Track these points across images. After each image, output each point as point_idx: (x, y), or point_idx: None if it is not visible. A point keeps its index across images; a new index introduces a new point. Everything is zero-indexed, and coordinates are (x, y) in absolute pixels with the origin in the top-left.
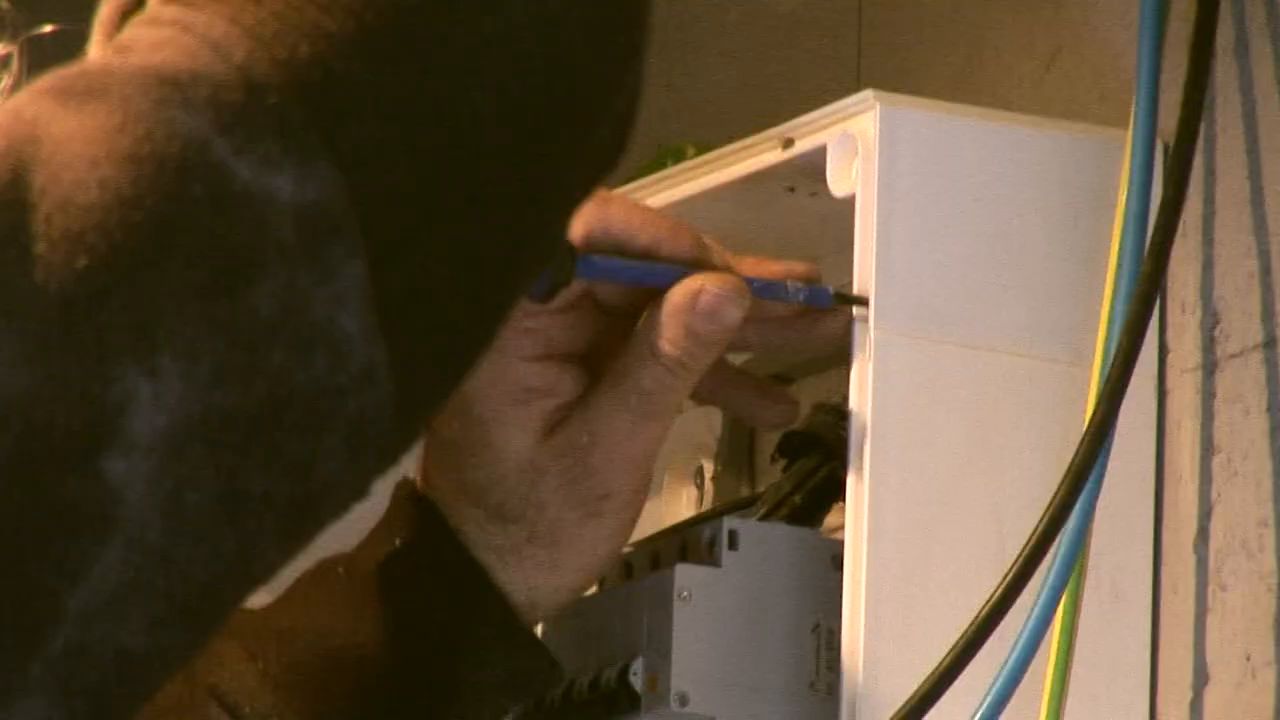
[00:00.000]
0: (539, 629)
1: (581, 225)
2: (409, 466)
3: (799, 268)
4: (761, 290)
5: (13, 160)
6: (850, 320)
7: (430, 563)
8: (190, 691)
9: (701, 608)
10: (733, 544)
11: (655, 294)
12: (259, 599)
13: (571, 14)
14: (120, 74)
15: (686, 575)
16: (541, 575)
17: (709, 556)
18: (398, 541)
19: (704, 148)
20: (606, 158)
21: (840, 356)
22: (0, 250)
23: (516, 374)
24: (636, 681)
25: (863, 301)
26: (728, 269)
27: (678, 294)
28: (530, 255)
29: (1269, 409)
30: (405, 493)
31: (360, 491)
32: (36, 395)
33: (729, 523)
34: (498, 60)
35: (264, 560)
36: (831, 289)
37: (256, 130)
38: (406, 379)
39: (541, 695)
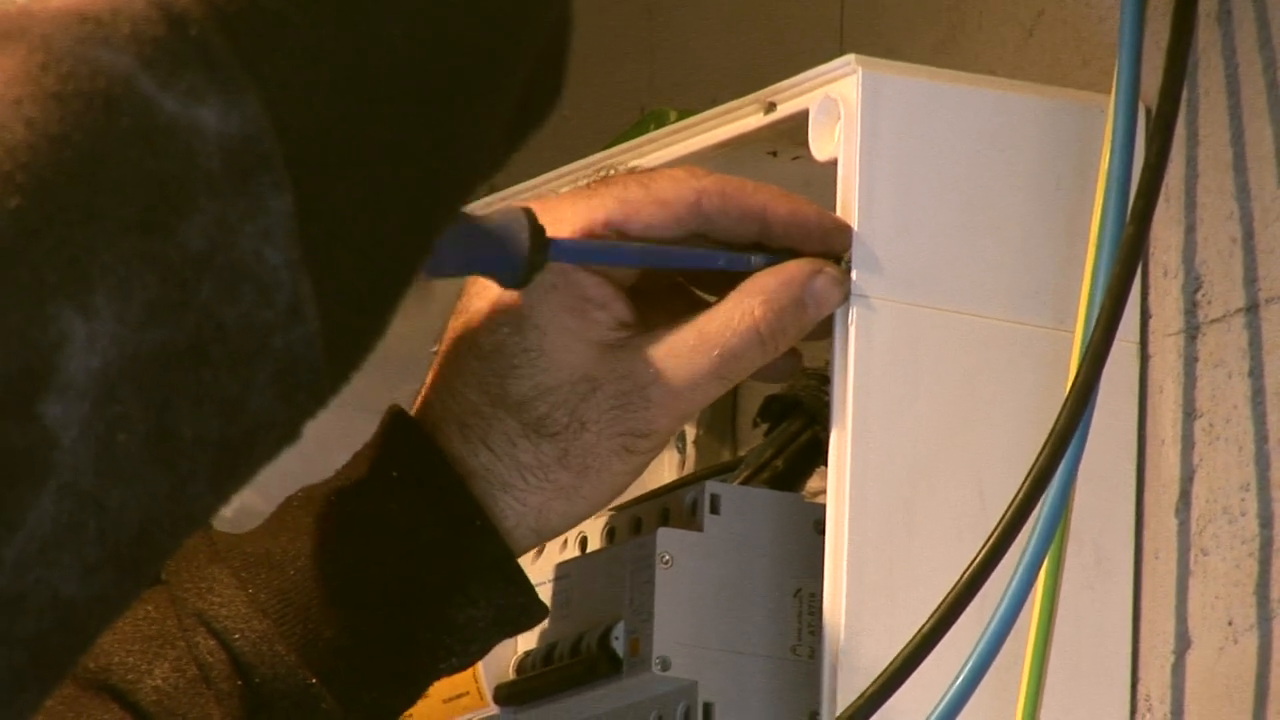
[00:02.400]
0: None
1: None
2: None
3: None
4: (731, 262)
5: None
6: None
7: (427, 497)
8: (177, 618)
9: (683, 572)
10: (715, 508)
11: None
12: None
13: None
14: (40, 14)
15: (669, 539)
16: (559, 501)
17: (691, 521)
18: (394, 473)
19: (686, 112)
20: (537, 97)
21: (825, 325)
22: None
23: (576, 281)
24: (618, 645)
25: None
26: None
27: (795, 270)
28: (452, 189)
29: (1250, 373)
30: (399, 420)
31: (292, 432)
32: None
33: (711, 487)
34: None
35: (198, 503)
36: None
37: (180, 63)
38: (334, 314)
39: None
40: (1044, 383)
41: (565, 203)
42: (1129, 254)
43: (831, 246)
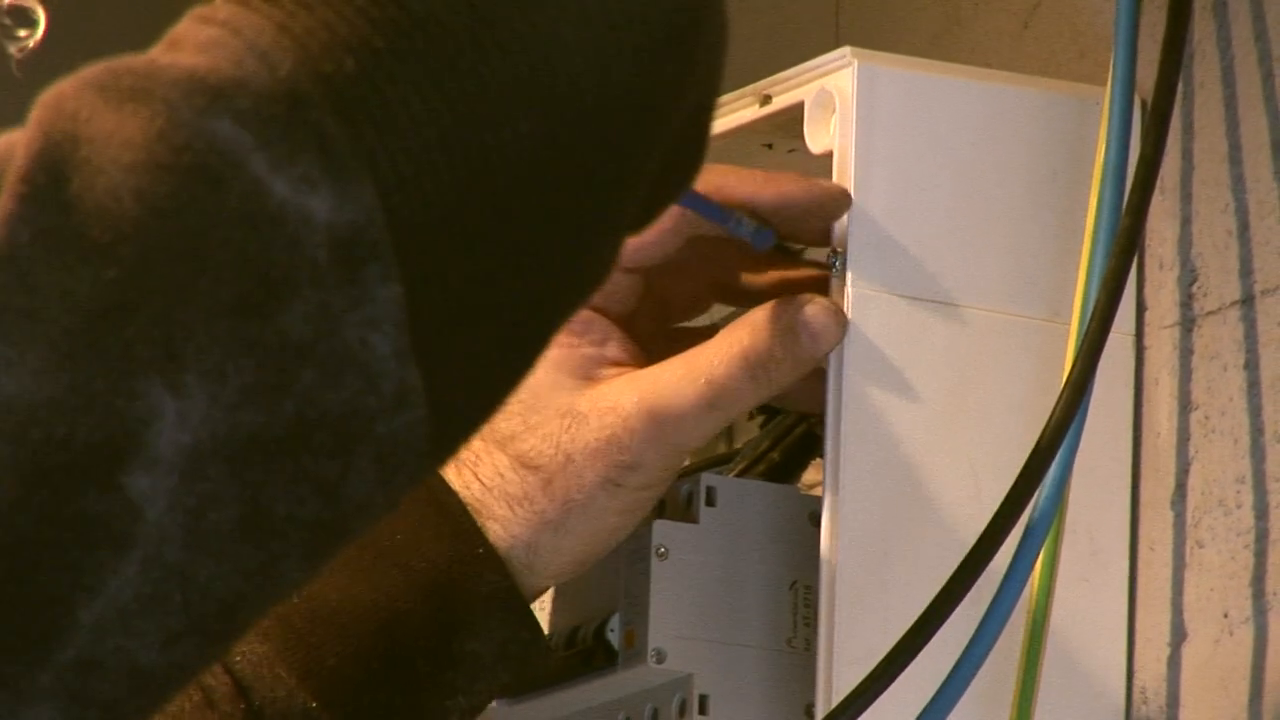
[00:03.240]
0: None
1: None
2: None
3: (818, 193)
4: (715, 214)
5: (49, 160)
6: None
7: (430, 525)
8: None
9: (679, 564)
10: (710, 500)
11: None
12: None
13: (622, 41)
14: (165, 76)
15: (664, 532)
16: (547, 534)
17: (687, 513)
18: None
19: None
20: (674, 173)
21: None
22: (33, 254)
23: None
24: (614, 638)
25: (794, 253)
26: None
27: (787, 306)
28: (574, 281)
29: (1246, 366)
30: None
31: (390, 508)
32: (59, 405)
33: (707, 479)
34: (543, 86)
35: (288, 578)
36: (773, 236)
37: (297, 146)
38: (443, 402)
39: (534, 671)
40: (1039, 375)
41: None
42: (1125, 246)
43: (830, 217)
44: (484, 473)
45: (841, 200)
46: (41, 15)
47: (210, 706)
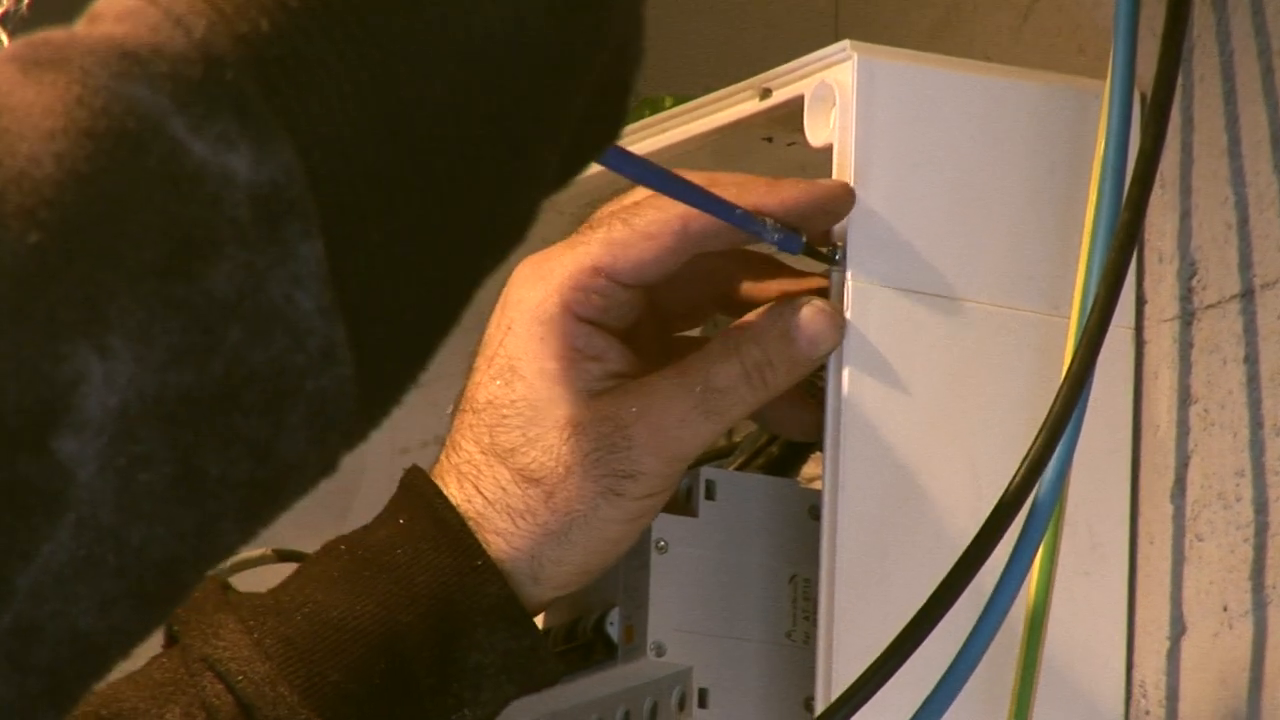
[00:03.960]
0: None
1: None
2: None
3: (821, 195)
4: (741, 221)
5: None
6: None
7: (431, 540)
8: (185, 664)
9: (679, 558)
10: (710, 494)
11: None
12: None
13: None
14: (82, 44)
15: (664, 525)
16: (550, 546)
17: (686, 506)
18: (401, 520)
19: (681, 98)
20: (593, 129)
21: None
22: None
23: (567, 331)
24: (613, 632)
25: (830, 258)
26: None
27: (784, 310)
28: (496, 235)
29: (1246, 359)
30: (412, 476)
31: (326, 469)
32: None
33: (706, 473)
34: (458, 39)
35: (224, 540)
36: (804, 239)
37: (214, 107)
38: (368, 358)
39: (539, 684)
40: (1039, 369)
41: (554, 254)
42: (1124, 240)
43: (836, 215)
44: (485, 486)
45: (845, 196)
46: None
47: None
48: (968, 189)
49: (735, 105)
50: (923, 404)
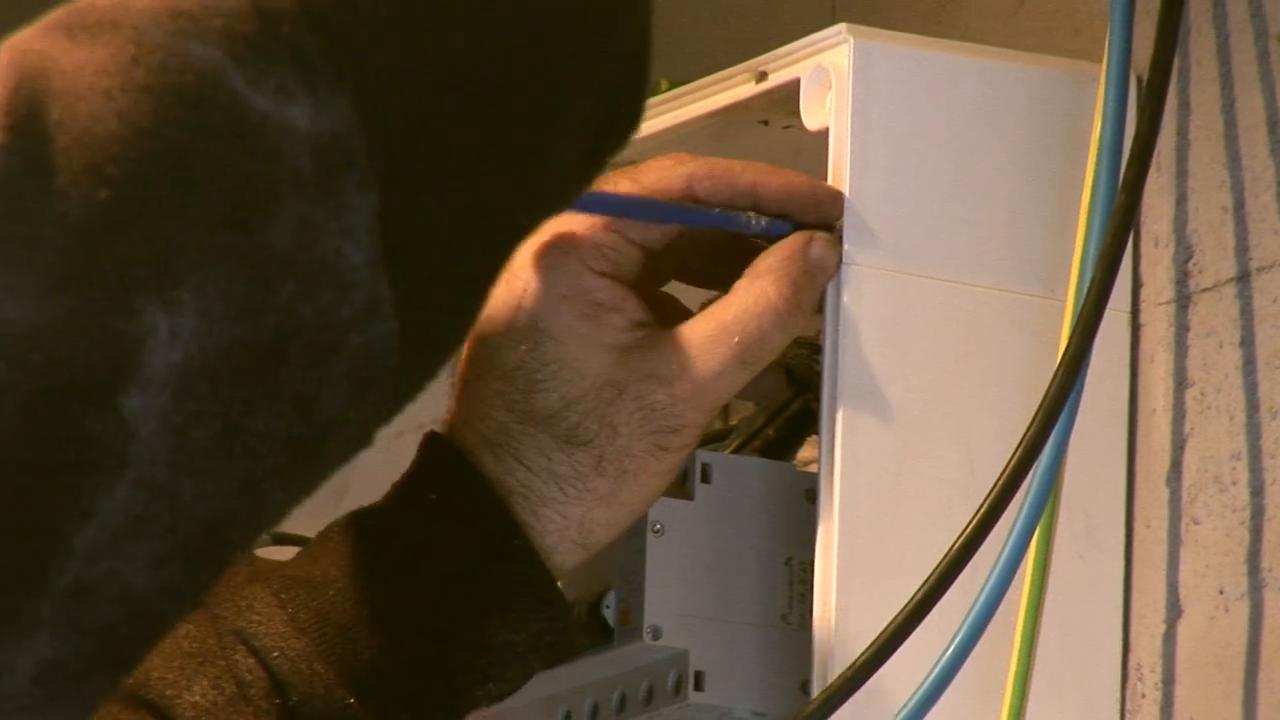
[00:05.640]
0: None
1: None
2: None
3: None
4: (722, 221)
5: (26, 93)
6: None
7: (466, 518)
8: (216, 636)
9: (675, 541)
10: (706, 477)
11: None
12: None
13: None
14: (133, 6)
15: (660, 508)
16: (600, 509)
17: (682, 489)
18: (432, 497)
19: (678, 82)
20: (617, 121)
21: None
22: (21, 183)
23: (586, 287)
24: (609, 615)
25: (828, 228)
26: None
27: (794, 244)
28: (537, 195)
29: (1242, 342)
30: (435, 446)
31: (365, 436)
32: (60, 329)
33: (702, 456)
34: None
35: (268, 500)
36: (789, 224)
37: (271, 61)
38: (412, 315)
39: (563, 660)
40: (1035, 352)
41: (561, 227)
42: (1120, 223)
43: (826, 215)
44: (527, 456)
45: (839, 203)
46: None
47: (245, 700)
48: (964, 172)
49: (731, 88)
50: (919, 387)
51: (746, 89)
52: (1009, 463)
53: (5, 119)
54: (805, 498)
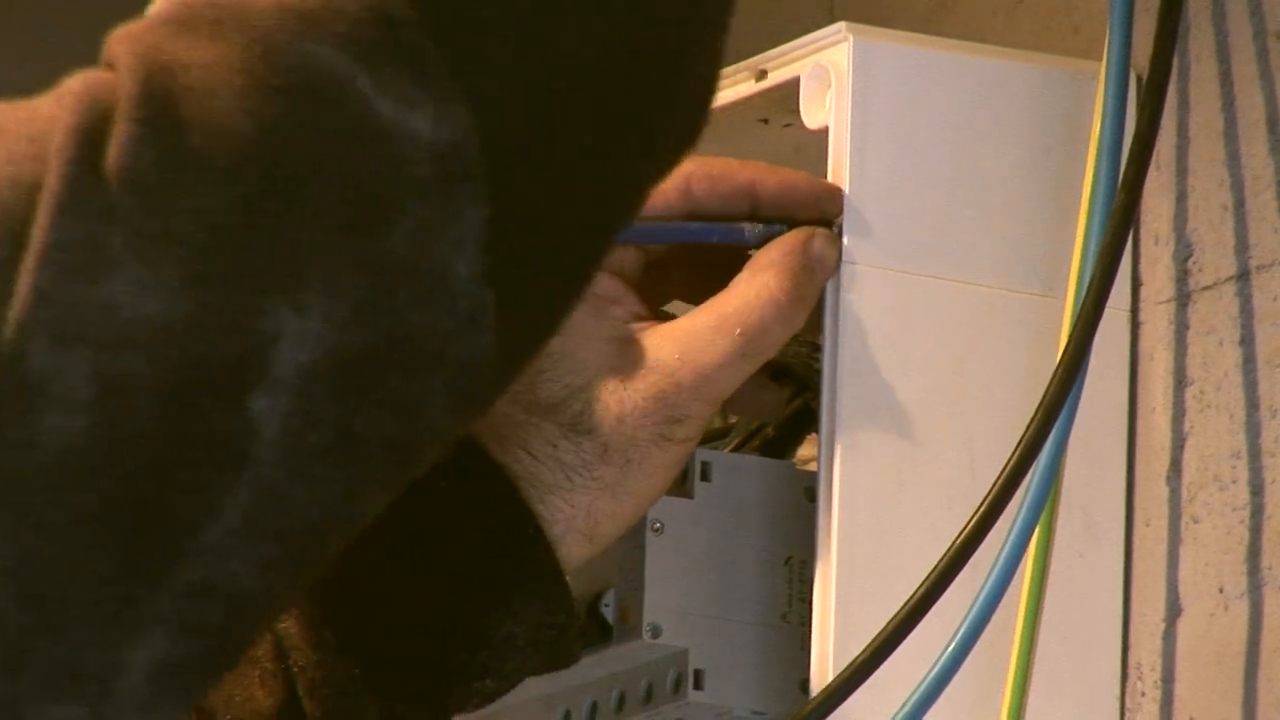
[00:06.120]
0: None
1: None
2: None
3: (819, 188)
4: (719, 234)
5: (156, 87)
6: None
7: (479, 509)
8: None
9: (674, 539)
10: (705, 475)
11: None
12: None
13: None
14: (254, 6)
15: (659, 507)
16: (605, 499)
17: (681, 488)
18: (442, 482)
19: None
20: (691, 121)
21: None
22: (157, 177)
23: None
24: (608, 613)
25: (826, 223)
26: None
27: (795, 239)
28: (623, 208)
29: (1241, 341)
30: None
31: (449, 439)
32: (195, 323)
33: (702, 454)
34: (615, 10)
35: (365, 504)
36: (784, 228)
37: (395, 66)
38: (509, 325)
39: (561, 663)
40: (1035, 350)
41: None
42: (1120, 222)
43: (825, 213)
44: (533, 445)
45: (838, 200)
46: None
47: (252, 662)
48: (963, 171)
49: (731, 87)
50: (918, 386)
51: (746, 87)
52: (1009, 461)
53: (138, 110)
54: (805, 496)
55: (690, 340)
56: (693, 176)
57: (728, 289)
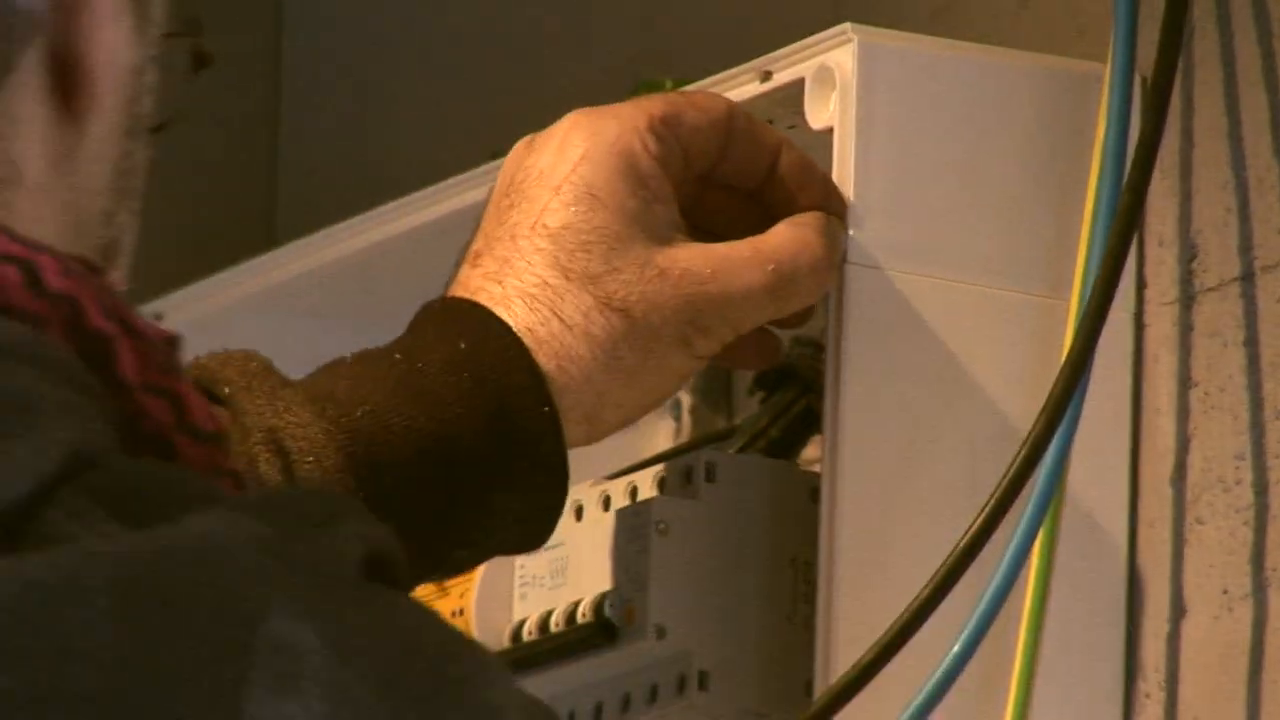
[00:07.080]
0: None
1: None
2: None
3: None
4: None
5: None
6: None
7: (499, 373)
8: (241, 432)
9: (679, 540)
10: (710, 476)
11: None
12: None
13: None
14: None
15: (664, 508)
16: (618, 384)
17: (686, 489)
18: (462, 345)
19: (681, 81)
20: None
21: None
22: None
23: (643, 168)
24: (614, 614)
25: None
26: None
27: (818, 215)
28: None
29: (1246, 342)
30: (460, 303)
31: None
32: None
33: (707, 455)
34: None
35: None
36: None
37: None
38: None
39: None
40: (1039, 352)
41: (615, 106)
42: (1124, 223)
43: (829, 205)
44: (566, 311)
45: (842, 203)
46: None
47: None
48: (968, 172)
49: (736, 88)
50: (922, 387)
51: (750, 88)
52: (1013, 463)
53: None
54: (809, 497)
55: (724, 262)
56: (736, 112)
57: (767, 232)
